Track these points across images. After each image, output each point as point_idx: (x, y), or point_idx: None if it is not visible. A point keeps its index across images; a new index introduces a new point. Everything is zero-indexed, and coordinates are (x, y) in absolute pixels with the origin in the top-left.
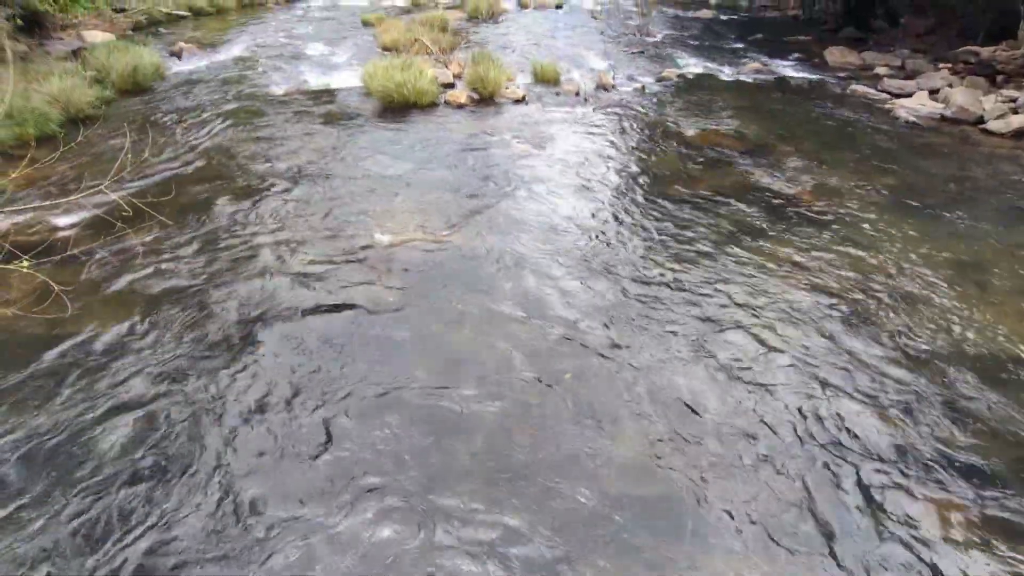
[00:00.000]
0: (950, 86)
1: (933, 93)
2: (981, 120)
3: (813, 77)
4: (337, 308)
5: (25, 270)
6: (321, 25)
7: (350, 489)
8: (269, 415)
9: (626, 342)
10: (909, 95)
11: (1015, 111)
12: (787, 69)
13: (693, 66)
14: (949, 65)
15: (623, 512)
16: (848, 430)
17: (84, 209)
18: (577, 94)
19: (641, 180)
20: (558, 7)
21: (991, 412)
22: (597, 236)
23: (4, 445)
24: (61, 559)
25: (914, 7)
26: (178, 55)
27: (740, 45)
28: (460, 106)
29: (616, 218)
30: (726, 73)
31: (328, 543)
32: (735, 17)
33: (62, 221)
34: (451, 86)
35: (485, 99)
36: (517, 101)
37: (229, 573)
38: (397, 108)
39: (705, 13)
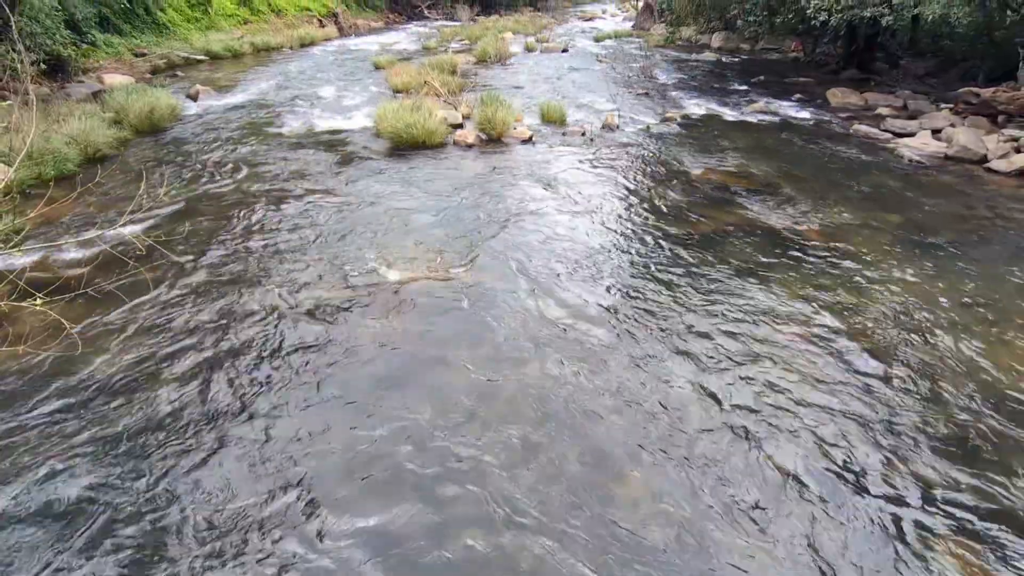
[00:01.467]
0: (952, 126)
1: (936, 133)
2: (985, 159)
3: (816, 117)
4: (345, 348)
5: (38, 308)
6: (334, 69)
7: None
8: (276, 460)
9: (634, 383)
10: (912, 134)
11: (1018, 150)
12: (790, 110)
13: (697, 107)
14: (951, 106)
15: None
16: (857, 471)
17: (98, 247)
18: (583, 134)
19: (648, 218)
20: (564, 51)
21: (1005, 451)
22: (605, 274)
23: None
24: None
25: (914, 50)
26: (194, 97)
27: (743, 86)
28: (469, 146)
29: (623, 257)
30: (729, 114)
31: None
32: (737, 60)
33: (76, 259)
34: (460, 127)
35: (493, 139)
36: (524, 141)
37: None
38: (406, 148)
39: (708, 56)
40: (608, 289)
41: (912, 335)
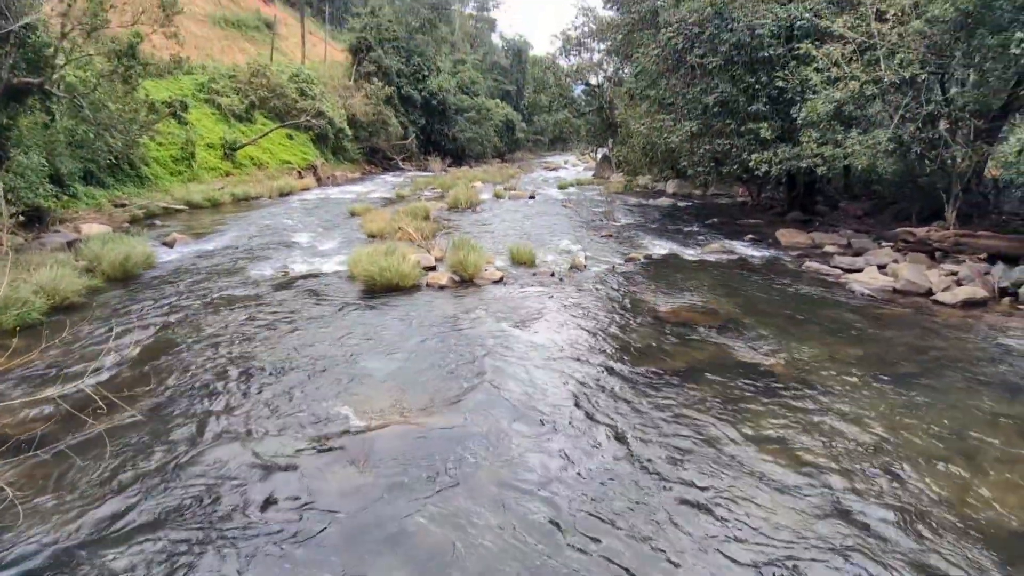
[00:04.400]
0: (895, 262)
1: (881, 268)
2: (930, 292)
3: (769, 255)
4: (311, 502)
5: None
6: (311, 216)
7: None
8: None
9: (604, 536)
10: (859, 270)
11: (959, 283)
12: (745, 249)
13: (658, 247)
14: (891, 243)
15: None
16: None
17: (56, 404)
18: (552, 275)
19: (617, 356)
20: (531, 198)
21: None
22: (577, 416)
23: None
24: None
25: (849, 194)
26: (171, 244)
27: (698, 228)
28: (441, 288)
29: (595, 396)
30: (688, 253)
31: None
32: (690, 204)
33: (32, 416)
34: (432, 269)
35: (465, 281)
36: (496, 282)
37: None
38: (380, 291)
39: (663, 200)
40: (581, 430)
41: (888, 468)
